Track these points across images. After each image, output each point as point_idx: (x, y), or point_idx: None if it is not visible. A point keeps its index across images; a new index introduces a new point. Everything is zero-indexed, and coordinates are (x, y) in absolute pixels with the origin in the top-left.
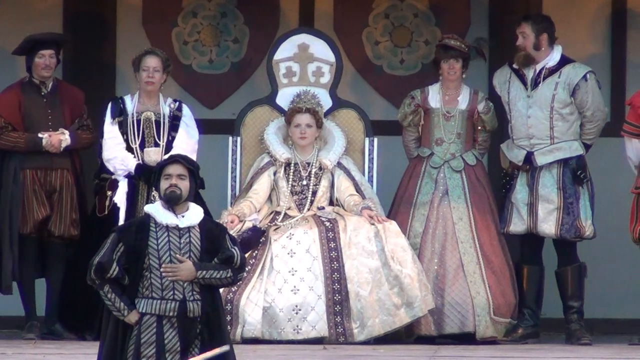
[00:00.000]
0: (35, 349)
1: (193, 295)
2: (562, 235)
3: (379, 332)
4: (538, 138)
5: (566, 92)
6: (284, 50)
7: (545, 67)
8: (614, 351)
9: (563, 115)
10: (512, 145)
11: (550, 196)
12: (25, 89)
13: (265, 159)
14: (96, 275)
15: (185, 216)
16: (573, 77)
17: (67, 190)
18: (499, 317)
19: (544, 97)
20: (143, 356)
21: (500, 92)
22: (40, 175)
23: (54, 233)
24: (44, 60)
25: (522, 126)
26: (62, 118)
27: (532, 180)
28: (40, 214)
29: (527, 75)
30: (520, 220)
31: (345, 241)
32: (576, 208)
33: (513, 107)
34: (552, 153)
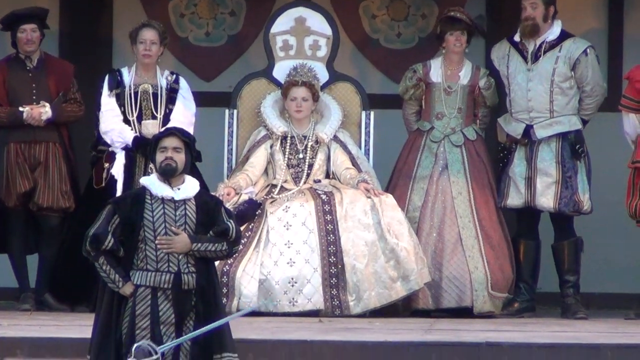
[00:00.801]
0: (30, 320)
1: (188, 267)
2: (560, 209)
3: (375, 305)
4: (538, 111)
5: (567, 66)
6: (281, 24)
7: (546, 41)
8: (610, 326)
9: (563, 89)
10: (510, 118)
11: (549, 170)
12: (10, 65)
13: (261, 132)
14: (91, 247)
15: (180, 189)
16: (574, 51)
17: (53, 162)
18: (496, 292)
19: (544, 71)
20: (137, 328)
21: (499, 66)
22: (24, 148)
23: (41, 205)
24: (26, 35)
25: (521, 99)
26: (47, 92)
27: (531, 154)
28: (23, 187)
29: (528, 49)
30: (517, 194)
31: (342, 214)
32: (574, 182)
33: (512, 81)
34: (552, 127)
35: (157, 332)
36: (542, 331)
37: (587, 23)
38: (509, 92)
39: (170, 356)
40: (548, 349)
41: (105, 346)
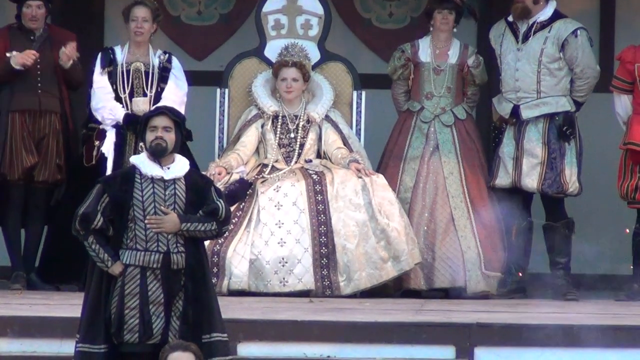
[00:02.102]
0: (21, 300)
1: (177, 247)
2: (544, 190)
3: (366, 286)
4: (525, 91)
5: (555, 46)
6: (273, 3)
7: (537, 21)
8: (601, 307)
9: (551, 70)
10: (501, 98)
11: (534, 150)
12: (13, 33)
13: (252, 111)
14: (81, 225)
15: (170, 168)
16: (563, 32)
17: (53, 135)
18: (490, 271)
19: (532, 51)
20: (127, 307)
21: (495, 44)
22: (30, 120)
23: (37, 179)
24: (31, 11)
25: (510, 79)
26: (52, 62)
27: (519, 134)
28: (28, 162)
29: (520, 29)
30: (505, 174)
31: (333, 194)
32: (560, 164)
33: (503, 60)
34: (538, 107)
35: (146, 311)
36: (532, 312)
37: (579, 4)
38: (501, 71)
39: (160, 336)
40: (539, 330)
41: (95, 325)
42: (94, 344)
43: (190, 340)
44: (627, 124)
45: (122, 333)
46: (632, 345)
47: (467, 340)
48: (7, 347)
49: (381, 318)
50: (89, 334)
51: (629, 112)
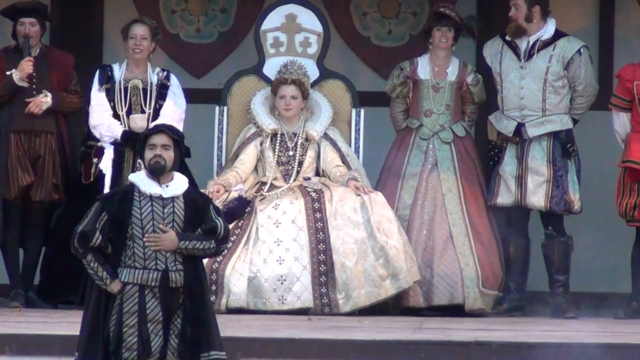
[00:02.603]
0: (20, 317)
1: (175, 265)
2: (551, 208)
3: (364, 304)
4: (530, 109)
5: (560, 65)
6: (272, 20)
7: (540, 39)
8: (600, 325)
9: (555, 88)
10: (501, 116)
11: (540, 169)
12: (9, 55)
13: (251, 129)
14: (79, 244)
15: (169, 186)
16: (568, 50)
17: (49, 155)
18: (487, 289)
19: (538, 69)
20: (125, 325)
21: (492, 63)
22: (25, 140)
23: (34, 199)
24: (24, 28)
25: (514, 97)
26: (48, 83)
27: (522, 152)
28: (24, 180)
29: (520, 47)
30: (507, 193)
31: (331, 212)
32: (565, 181)
33: (505, 78)
34: (543, 125)
35: (145, 329)
36: (531, 330)
37: (578, 21)
38: (501, 89)
39: (158, 354)
40: (537, 349)
41: (93, 343)
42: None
43: (187, 358)
44: (626, 141)
45: (121, 351)
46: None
47: (465, 359)
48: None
49: (380, 336)
50: (87, 352)
51: (628, 130)
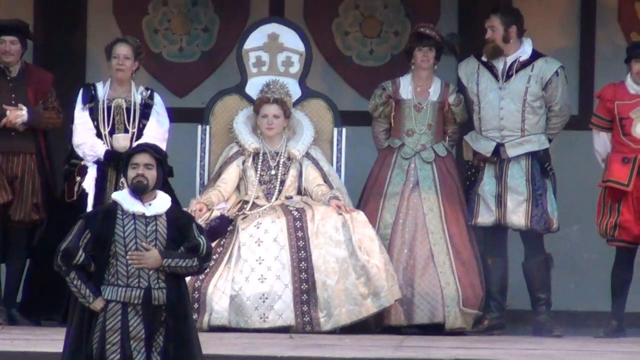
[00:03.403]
0: (2, 334)
1: (158, 283)
2: (532, 227)
3: (346, 322)
4: (509, 130)
5: (538, 85)
6: (254, 40)
7: (518, 60)
8: (580, 344)
9: (534, 108)
10: (478, 136)
11: (519, 188)
12: None
13: (234, 148)
14: (62, 261)
15: (152, 204)
16: (546, 71)
17: (28, 175)
18: (467, 308)
19: (517, 90)
20: (108, 343)
21: (468, 83)
22: (3, 160)
23: (13, 218)
24: (5, 46)
25: (493, 118)
26: (26, 100)
27: (500, 171)
28: (1, 199)
29: (498, 68)
30: (488, 212)
31: (313, 230)
32: (544, 200)
33: (483, 99)
34: (522, 145)
35: (127, 347)
36: (511, 349)
37: (559, 41)
38: (479, 109)
39: None
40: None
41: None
42: None
43: None
44: (606, 161)
45: None
46: None
47: None
48: None
49: (361, 354)
50: None
51: (608, 149)
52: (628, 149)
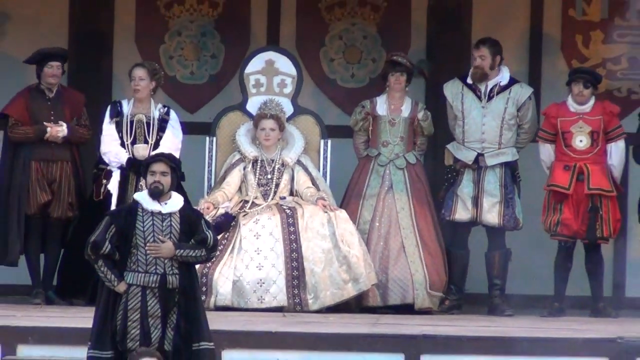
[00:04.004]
0: (40, 313)
1: (172, 269)
2: (504, 224)
3: (330, 303)
4: (489, 142)
5: (514, 106)
6: (254, 65)
7: (499, 84)
8: (528, 322)
9: (510, 126)
10: (460, 146)
11: (494, 191)
12: (32, 94)
13: (236, 156)
14: (92, 251)
15: (167, 204)
16: (521, 95)
17: (65, 179)
18: (433, 291)
19: (497, 109)
20: (129, 320)
21: (453, 101)
22: (44, 166)
23: (52, 215)
24: (52, 70)
25: (475, 132)
26: (63, 117)
27: (478, 177)
28: (42, 199)
29: (481, 89)
30: (464, 210)
31: (303, 226)
32: (514, 202)
33: (467, 115)
34: (498, 156)
35: (146, 323)
36: (470, 326)
37: (511, 67)
38: (463, 124)
39: (157, 344)
40: (475, 340)
41: (103, 334)
42: (102, 351)
43: (181, 348)
44: (551, 168)
45: (126, 341)
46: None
47: (414, 349)
48: (29, 352)
49: (343, 330)
50: (98, 342)
51: (552, 158)
52: (569, 158)
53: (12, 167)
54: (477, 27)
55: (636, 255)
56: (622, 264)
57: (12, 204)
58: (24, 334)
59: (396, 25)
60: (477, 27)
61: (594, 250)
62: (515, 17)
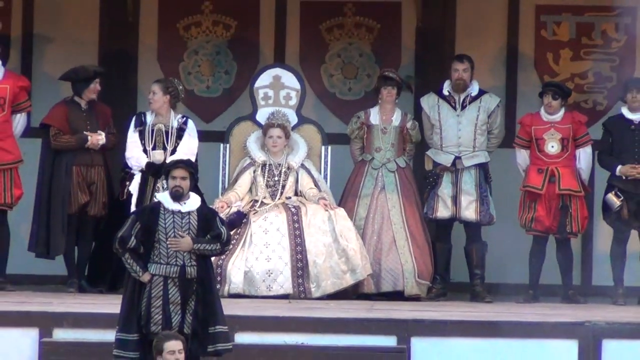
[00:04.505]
0: (74, 300)
1: (191, 261)
2: (481, 220)
3: (330, 291)
4: (464, 146)
5: (485, 114)
6: (262, 80)
7: (470, 95)
8: (505, 307)
9: (482, 131)
10: (438, 151)
11: (470, 190)
12: (69, 105)
13: (247, 160)
14: (119, 246)
15: (186, 203)
16: (490, 104)
17: (100, 182)
18: (421, 280)
19: (471, 117)
20: (153, 306)
21: (430, 113)
22: (84, 170)
23: (90, 213)
24: (95, 86)
25: (453, 137)
26: (97, 127)
27: (456, 178)
28: (82, 199)
29: (455, 100)
30: (445, 209)
31: (306, 223)
32: (487, 200)
33: (444, 123)
34: (473, 158)
35: (167, 309)
36: (454, 311)
37: (490, 81)
38: (440, 131)
39: (177, 328)
40: (459, 324)
41: (130, 319)
42: (129, 333)
43: (199, 331)
44: (526, 171)
45: (150, 325)
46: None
47: (405, 332)
48: (63, 335)
49: (342, 315)
50: (125, 325)
51: (527, 162)
52: (542, 162)
53: (53, 172)
54: (459, 47)
55: (601, 248)
56: (589, 256)
57: (56, 205)
58: (59, 319)
59: (388, 44)
60: (459, 47)
61: (564, 244)
62: (493, 38)
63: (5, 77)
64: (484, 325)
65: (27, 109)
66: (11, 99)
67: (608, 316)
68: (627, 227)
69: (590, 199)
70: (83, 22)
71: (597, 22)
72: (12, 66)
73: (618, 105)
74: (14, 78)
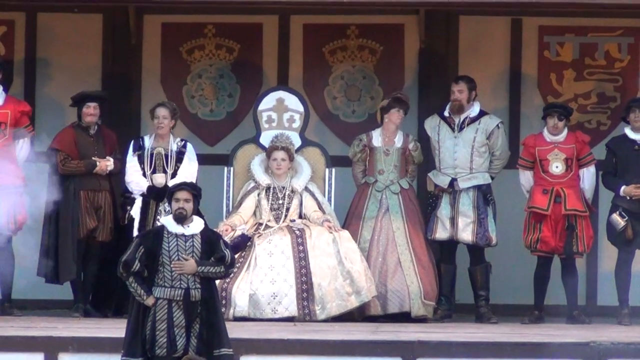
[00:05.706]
0: (79, 324)
1: (195, 284)
2: (477, 242)
3: (335, 313)
4: (461, 168)
5: (484, 135)
6: (266, 103)
7: (469, 116)
8: (510, 328)
9: (480, 153)
10: (438, 173)
11: (467, 212)
12: (77, 130)
13: (251, 184)
14: (123, 269)
15: (190, 226)
16: (489, 125)
17: (107, 207)
18: (427, 300)
19: (468, 138)
20: (157, 330)
21: (431, 133)
22: (91, 195)
23: (98, 239)
24: (89, 110)
25: (449, 159)
26: (104, 152)
27: (454, 200)
28: (91, 224)
29: (454, 121)
30: (443, 230)
31: (311, 245)
32: (485, 222)
33: (442, 145)
34: (470, 180)
35: (172, 333)
36: (459, 332)
37: (493, 103)
38: (439, 153)
39: (182, 351)
40: (464, 345)
41: (134, 343)
42: (133, 357)
43: (204, 354)
44: (530, 192)
45: (154, 349)
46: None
47: (410, 354)
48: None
49: (347, 337)
50: (130, 349)
51: (531, 183)
52: (546, 182)
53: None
54: (462, 68)
55: (606, 268)
56: (594, 276)
57: (64, 230)
58: (64, 343)
59: (391, 66)
60: (462, 68)
61: (569, 264)
62: (496, 59)
63: (7, 102)
64: (489, 346)
65: (30, 133)
66: (12, 123)
67: (613, 336)
68: (631, 247)
69: (594, 219)
70: (86, 46)
71: (601, 43)
72: (15, 91)
73: (621, 125)
74: (15, 103)
